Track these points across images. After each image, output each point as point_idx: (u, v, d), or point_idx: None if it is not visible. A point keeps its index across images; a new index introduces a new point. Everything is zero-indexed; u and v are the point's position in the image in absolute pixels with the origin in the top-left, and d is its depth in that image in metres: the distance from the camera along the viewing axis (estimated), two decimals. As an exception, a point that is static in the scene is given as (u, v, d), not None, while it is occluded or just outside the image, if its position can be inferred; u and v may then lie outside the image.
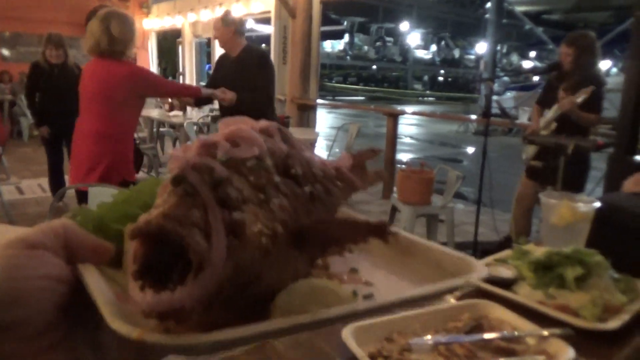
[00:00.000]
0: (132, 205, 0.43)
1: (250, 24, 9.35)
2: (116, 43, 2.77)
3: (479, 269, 0.40)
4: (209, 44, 10.34)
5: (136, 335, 0.26)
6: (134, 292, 0.28)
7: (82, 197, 2.86)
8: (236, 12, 7.94)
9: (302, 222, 0.37)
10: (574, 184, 3.44)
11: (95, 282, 0.32)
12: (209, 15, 8.56)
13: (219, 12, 8.42)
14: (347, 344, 0.81)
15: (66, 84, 4.44)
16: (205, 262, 0.28)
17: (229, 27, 3.72)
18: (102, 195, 2.49)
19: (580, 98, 3.36)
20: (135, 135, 6.50)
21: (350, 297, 0.36)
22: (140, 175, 6.25)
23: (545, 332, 0.84)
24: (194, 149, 0.34)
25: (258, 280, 0.33)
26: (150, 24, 10.92)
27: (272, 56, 7.43)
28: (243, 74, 3.63)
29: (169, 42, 13.76)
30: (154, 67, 11.51)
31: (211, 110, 6.77)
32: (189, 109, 7.83)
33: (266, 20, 8.20)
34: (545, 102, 3.81)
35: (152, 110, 7.41)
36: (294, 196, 0.37)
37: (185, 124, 5.96)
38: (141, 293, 0.28)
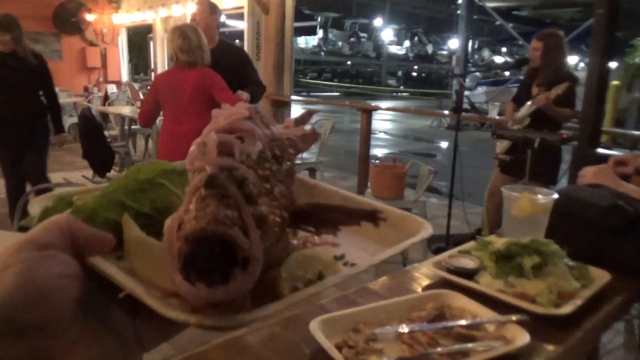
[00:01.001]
0: (120, 194, 0.44)
1: (222, 19, 9.26)
2: (204, 52, 3.16)
3: (426, 226, 0.47)
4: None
5: (194, 320, 0.31)
6: (182, 287, 0.31)
7: None
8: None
9: (299, 204, 0.42)
10: (546, 176, 3.55)
11: (122, 277, 0.34)
12: (180, 10, 8.43)
13: (190, 7, 8.32)
14: (315, 335, 0.83)
15: (18, 78, 3.86)
16: (250, 257, 0.32)
17: (215, 17, 3.72)
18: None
19: (554, 94, 3.47)
20: (107, 133, 6.41)
21: (332, 261, 0.42)
22: (112, 174, 6.15)
23: (502, 319, 0.88)
24: (212, 148, 0.36)
25: (270, 262, 0.37)
26: (120, 19, 10.70)
27: (246, 52, 7.39)
28: (219, 68, 3.63)
29: (139, 38, 13.51)
30: (124, 63, 11.29)
31: None
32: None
33: (239, 16, 8.13)
34: (519, 99, 3.91)
35: (124, 108, 7.29)
36: (285, 180, 0.42)
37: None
38: (192, 287, 0.30)
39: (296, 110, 15.25)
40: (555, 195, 1.26)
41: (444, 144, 12.21)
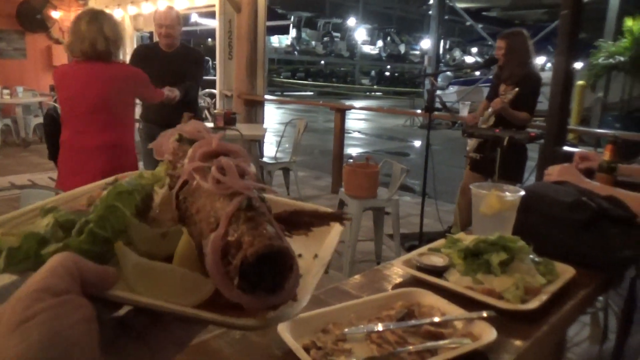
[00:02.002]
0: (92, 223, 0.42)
1: (194, 18, 9.13)
2: (111, 44, 2.61)
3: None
4: (151, 37, 10.01)
5: (262, 323, 0.35)
6: (244, 299, 0.34)
7: None
8: (179, 6, 7.73)
9: (277, 212, 0.47)
10: (513, 174, 3.63)
11: (163, 303, 0.36)
12: (150, 8, 8.27)
13: (161, 4, 8.16)
14: (283, 337, 0.82)
15: None
16: (293, 262, 0.36)
17: (181, 26, 3.92)
18: (36, 196, 2.38)
19: (507, 98, 3.55)
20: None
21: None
22: (80, 175, 5.98)
23: (470, 316, 0.89)
24: (234, 172, 0.40)
25: None
26: (88, 17, 10.43)
27: (218, 51, 7.31)
28: (179, 69, 3.76)
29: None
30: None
31: None
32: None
33: (211, 14, 8.04)
34: (491, 98, 3.98)
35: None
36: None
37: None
38: (254, 297, 0.34)
39: (270, 110, 15.18)
40: (522, 192, 1.28)
41: (416, 143, 12.35)
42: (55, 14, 10.39)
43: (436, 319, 0.88)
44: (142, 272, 0.37)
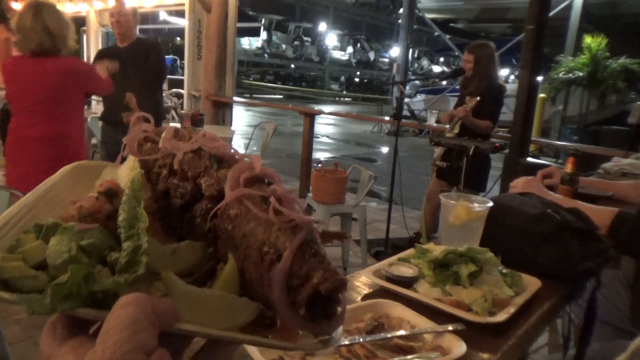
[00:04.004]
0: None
1: (162, 16, 8.95)
2: (57, 40, 2.63)
3: None
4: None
5: (323, 346, 0.39)
6: (310, 326, 0.37)
7: None
8: (147, 3, 7.56)
9: None
10: (476, 182, 3.71)
11: (239, 335, 0.37)
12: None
13: (129, 1, 7.95)
14: (249, 352, 0.79)
15: None
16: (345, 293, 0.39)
17: (136, 19, 3.89)
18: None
19: (469, 107, 3.64)
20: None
21: None
22: (37, 173, 5.74)
23: (440, 329, 0.88)
24: (292, 202, 0.41)
25: None
26: (50, 10, 10.07)
27: (186, 51, 7.18)
28: (132, 62, 3.72)
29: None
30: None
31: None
32: (93, 102, 7.34)
33: (180, 13, 7.89)
34: (458, 107, 4.06)
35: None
36: None
37: (89, 119, 5.57)
38: (317, 324, 0.37)
39: (238, 112, 15.05)
40: (490, 204, 1.29)
41: (384, 149, 12.49)
42: (15, 5, 9.98)
43: (406, 332, 0.87)
44: (191, 300, 0.37)
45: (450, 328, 0.88)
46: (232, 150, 0.50)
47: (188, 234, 0.46)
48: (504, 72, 15.25)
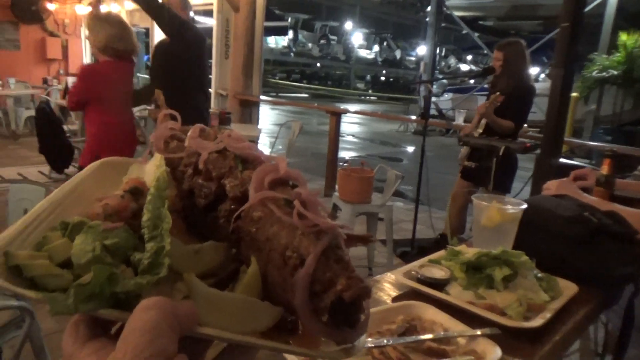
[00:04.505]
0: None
1: (191, 15, 9.08)
2: (134, 46, 3.23)
3: None
4: (147, 34, 9.94)
5: (345, 354, 0.38)
6: (332, 333, 0.37)
7: None
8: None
9: None
10: (502, 184, 3.63)
11: (255, 340, 0.37)
12: None
13: None
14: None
15: None
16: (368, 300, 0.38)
17: (185, 12, 3.94)
18: (24, 191, 2.33)
19: (490, 102, 3.56)
20: (66, 128, 6.16)
21: None
22: (71, 170, 5.91)
23: (474, 332, 0.87)
24: (316, 206, 0.40)
25: None
26: (83, 10, 10.34)
27: (214, 50, 7.26)
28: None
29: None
30: (86, 56, 10.92)
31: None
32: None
33: (208, 13, 7.99)
34: None
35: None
36: None
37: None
38: (340, 332, 0.37)
39: (264, 111, 15.14)
40: (525, 206, 1.26)
41: (409, 149, 12.38)
42: (50, 6, 10.29)
43: (439, 335, 0.86)
44: (212, 303, 0.37)
45: (485, 332, 0.86)
46: (257, 152, 0.50)
47: (211, 234, 0.46)
48: (534, 70, 14.91)
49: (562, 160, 3.63)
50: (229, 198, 0.45)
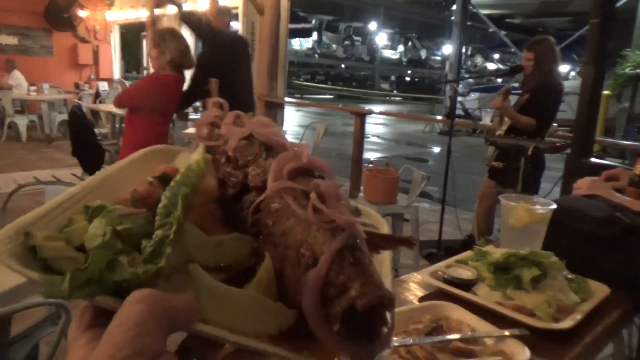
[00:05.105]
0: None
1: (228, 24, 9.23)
2: (190, 59, 3.35)
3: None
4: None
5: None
6: (345, 346, 0.32)
7: None
8: (202, 7, 7.80)
9: None
10: (530, 184, 3.56)
11: (254, 342, 0.33)
12: (174, 9, 8.36)
13: (185, 6, 8.24)
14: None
15: None
16: (393, 311, 0.34)
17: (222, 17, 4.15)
18: (59, 192, 2.42)
19: (501, 92, 3.53)
20: (97, 131, 6.33)
21: None
22: (102, 172, 6.06)
23: (502, 333, 0.86)
24: (335, 201, 0.36)
25: None
26: (113, 17, 10.61)
27: (239, 53, 7.34)
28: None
29: (132, 36, 13.39)
30: (116, 61, 11.20)
31: None
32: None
33: (233, 16, 8.09)
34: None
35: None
36: None
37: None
38: (354, 345, 0.32)
39: (289, 112, 15.22)
40: (554, 206, 1.24)
41: (435, 149, 12.25)
42: (81, 13, 10.59)
43: (466, 335, 0.86)
44: (218, 298, 0.34)
45: (514, 332, 0.86)
46: (283, 138, 0.46)
47: (238, 227, 0.43)
48: (563, 68, 14.55)
49: (593, 159, 3.54)
50: (251, 188, 0.43)
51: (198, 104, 5.84)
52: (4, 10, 9.31)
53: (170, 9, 6.09)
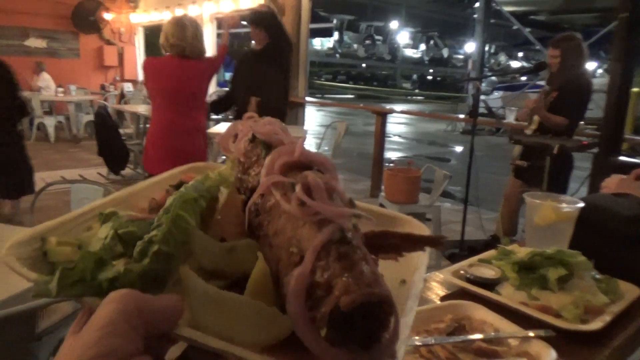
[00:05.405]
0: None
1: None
2: (200, 46, 3.14)
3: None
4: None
5: None
6: (332, 353, 0.29)
7: None
8: (224, 8, 7.88)
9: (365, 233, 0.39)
10: (558, 184, 3.48)
11: (241, 350, 0.31)
12: (197, 10, 8.47)
13: (207, 7, 8.34)
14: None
15: None
16: (393, 310, 0.30)
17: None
18: (84, 191, 2.46)
19: (539, 99, 3.44)
20: (122, 131, 6.45)
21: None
22: (127, 171, 6.18)
23: (527, 334, 0.84)
24: (323, 194, 0.34)
25: None
26: (138, 19, 10.79)
27: (261, 53, 7.38)
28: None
29: (156, 37, 13.60)
30: (140, 62, 11.39)
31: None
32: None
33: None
34: None
35: (139, 106, 7.33)
36: None
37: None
38: (345, 352, 0.29)
39: (310, 112, 15.27)
40: (581, 204, 1.21)
41: (458, 149, 12.10)
42: (107, 16, 10.80)
43: (489, 335, 0.84)
44: (210, 303, 0.32)
45: (539, 333, 0.83)
46: (282, 134, 0.44)
47: (251, 233, 0.41)
48: (590, 65, 14.20)
49: (622, 158, 3.44)
50: (252, 189, 0.41)
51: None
52: (33, 14, 9.58)
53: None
